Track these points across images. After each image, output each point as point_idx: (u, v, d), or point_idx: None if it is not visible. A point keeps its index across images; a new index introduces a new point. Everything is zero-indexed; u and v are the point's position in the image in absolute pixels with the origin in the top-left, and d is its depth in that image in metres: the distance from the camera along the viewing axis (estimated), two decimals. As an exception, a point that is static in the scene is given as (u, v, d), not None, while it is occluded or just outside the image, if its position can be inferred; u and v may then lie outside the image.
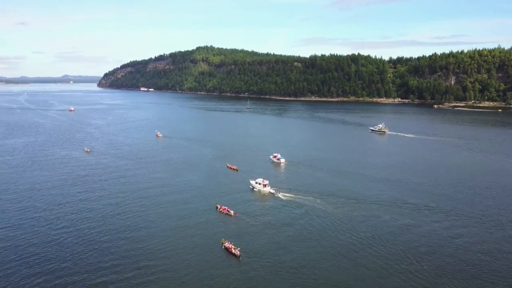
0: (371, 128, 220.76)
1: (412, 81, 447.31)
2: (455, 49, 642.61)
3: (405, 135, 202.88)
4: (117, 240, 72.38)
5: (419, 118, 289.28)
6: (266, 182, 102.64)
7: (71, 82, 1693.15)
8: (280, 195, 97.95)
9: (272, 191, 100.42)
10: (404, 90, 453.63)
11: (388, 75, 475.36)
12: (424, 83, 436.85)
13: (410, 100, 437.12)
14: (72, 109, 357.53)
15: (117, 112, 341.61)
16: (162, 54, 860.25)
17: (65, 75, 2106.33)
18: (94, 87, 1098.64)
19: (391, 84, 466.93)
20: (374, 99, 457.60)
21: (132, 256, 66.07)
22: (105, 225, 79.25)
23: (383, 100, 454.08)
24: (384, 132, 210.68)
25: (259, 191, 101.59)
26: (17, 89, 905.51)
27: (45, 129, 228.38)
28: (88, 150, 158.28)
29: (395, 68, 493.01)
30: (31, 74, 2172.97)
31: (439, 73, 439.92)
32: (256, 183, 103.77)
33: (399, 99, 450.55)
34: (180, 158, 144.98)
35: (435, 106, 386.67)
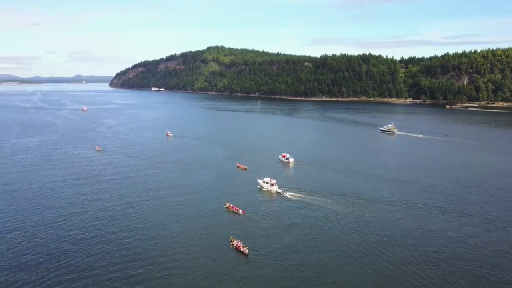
0: (380, 128, 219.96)
1: (424, 81, 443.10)
2: (468, 48, 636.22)
3: (415, 135, 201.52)
4: (127, 238, 73.23)
5: (431, 119, 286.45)
6: (274, 181, 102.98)
7: (84, 82, 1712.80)
8: (287, 194, 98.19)
9: (279, 190, 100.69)
10: (415, 90, 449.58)
11: (400, 75, 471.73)
12: (436, 83, 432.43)
13: (421, 101, 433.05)
14: (85, 108, 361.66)
15: (129, 112, 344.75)
16: (173, 54, 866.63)
17: (78, 75, 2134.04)
18: (106, 87, 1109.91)
19: (402, 84, 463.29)
20: (385, 99, 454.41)
21: (142, 254, 66.88)
22: (116, 223, 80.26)
23: (394, 100, 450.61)
24: (394, 132, 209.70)
25: (267, 190, 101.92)
26: (31, 89, 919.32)
27: (58, 128, 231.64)
28: (100, 149, 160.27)
29: (406, 68, 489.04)
30: (44, 74, 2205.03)
31: (452, 73, 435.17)
32: (264, 182, 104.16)
33: (411, 99, 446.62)
34: (190, 157, 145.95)
35: (447, 106, 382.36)
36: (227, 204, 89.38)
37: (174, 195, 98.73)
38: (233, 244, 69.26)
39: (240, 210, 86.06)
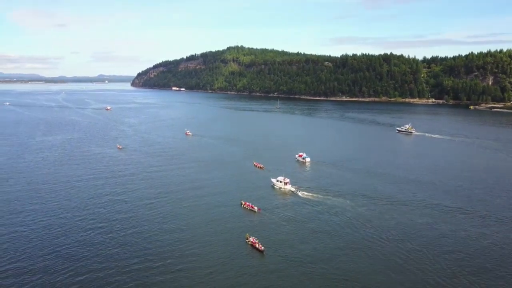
0: (398, 128, 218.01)
1: (447, 81, 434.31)
2: (493, 48, 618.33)
3: (432, 135, 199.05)
4: (146, 234, 75.15)
5: (453, 119, 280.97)
6: (287, 180, 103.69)
7: (106, 81, 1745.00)
8: (300, 193, 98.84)
9: (292, 189, 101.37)
10: (438, 91, 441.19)
11: (422, 75, 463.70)
12: (459, 83, 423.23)
13: (444, 101, 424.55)
14: (109, 107, 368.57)
15: (149, 111, 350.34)
16: (194, 54, 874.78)
17: (101, 75, 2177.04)
18: (127, 86, 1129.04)
19: (424, 84, 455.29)
20: (407, 100, 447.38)
21: (161, 248, 68.63)
22: (135, 220, 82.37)
23: (416, 100, 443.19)
24: (411, 132, 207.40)
25: (280, 189, 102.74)
26: (56, 88, 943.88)
27: (82, 126, 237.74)
28: (121, 147, 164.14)
29: (429, 67, 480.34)
30: (69, 74, 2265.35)
31: (476, 73, 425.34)
32: (277, 181, 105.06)
33: (433, 100, 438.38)
34: (208, 155, 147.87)
35: (471, 107, 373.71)
36: (243, 202, 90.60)
37: (192, 193, 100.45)
38: (248, 241, 70.39)
39: (256, 208, 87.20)
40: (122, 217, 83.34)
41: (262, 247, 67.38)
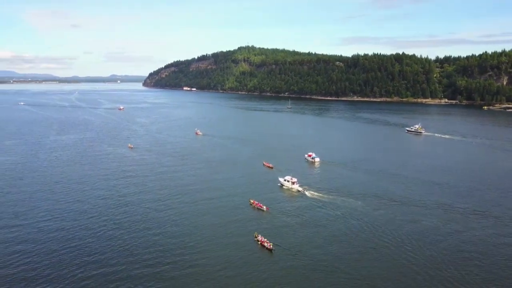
0: (407, 128, 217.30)
1: (460, 81, 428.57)
2: (507, 47, 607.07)
3: (442, 136, 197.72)
4: (157, 232, 76.14)
5: (465, 120, 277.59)
6: (295, 180, 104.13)
7: (118, 81, 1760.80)
8: (307, 193, 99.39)
9: (300, 188, 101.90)
10: (451, 91, 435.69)
11: (435, 75, 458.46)
12: (473, 83, 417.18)
13: (457, 101, 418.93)
14: (122, 107, 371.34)
15: (161, 111, 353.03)
16: (205, 54, 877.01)
17: (113, 75, 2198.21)
18: (139, 86, 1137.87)
19: (437, 84, 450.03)
20: (419, 100, 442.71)
21: (170, 247, 69.53)
22: (146, 218, 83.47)
23: (428, 100, 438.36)
24: (421, 132, 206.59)
25: (288, 188, 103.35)
26: (69, 88, 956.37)
27: (94, 126, 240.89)
28: (132, 146, 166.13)
29: (442, 67, 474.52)
30: (82, 74, 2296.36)
31: (490, 73, 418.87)
32: (285, 180, 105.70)
33: (446, 100, 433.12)
34: (218, 155, 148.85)
35: (485, 107, 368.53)
36: (252, 201, 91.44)
37: (202, 192, 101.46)
38: (257, 239, 71.05)
39: (264, 207, 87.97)
40: (133, 216, 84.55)
41: (271, 246, 68.00)
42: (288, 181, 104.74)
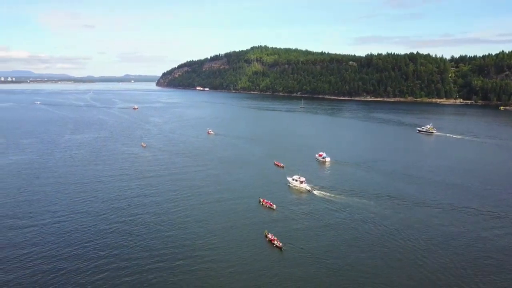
0: (418, 128, 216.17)
1: (476, 81, 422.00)
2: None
3: (454, 136, 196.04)
4: (168, 230, 77.19)
5: (480, 120, 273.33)
6: (303, 179, 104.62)
7: (132, 81, 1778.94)
8: (315, 192, 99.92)
9: (308, 188, 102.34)
10: (466, 91, 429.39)
11: (450, 75, 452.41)
12: (489, 83, 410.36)
13: (473, 101, 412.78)
14: (136, 107, 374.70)
15: (174, 111, 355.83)
16: (218, 54, 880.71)
17: (127, 75, 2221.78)
18: (153, 86, 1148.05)
19: (452, 84, 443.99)
20: (433, 100, 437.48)
21: (182, 245, 70.56)
22: (158, 217, 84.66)
23: (443, 101, 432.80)
24: (432, 132, 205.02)
25: (296, 187, 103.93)
26: (84, 88, 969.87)
27: (108, 125, 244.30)
28: (145, 145, 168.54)
29: (457, 67, 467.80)
30: (96, 74, 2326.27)
31: (507, 73, 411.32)
32: (293, 179, 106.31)
33: (461, 100, 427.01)
34: (230, 154, 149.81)
35: (502, 107, 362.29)
36: (261, 199, 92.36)
37: (213, 190, 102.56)
38: (267, 237, 71.83)
39: (274, 205, 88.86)
40: (145, 213, 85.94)
41: (281, 244, 68.74)
42: (296, 180, 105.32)
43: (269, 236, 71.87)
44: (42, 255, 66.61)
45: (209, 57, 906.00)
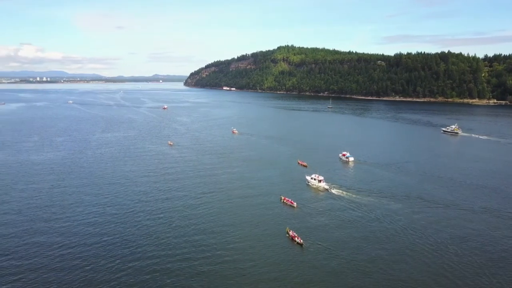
0: (443, 129, 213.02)
1: (511, 81, 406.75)
2: None
3: (479, 136, 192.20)
4: (194, 226, 79.22)
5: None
6: (321, 178, 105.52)
7: (161, 81, 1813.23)
8: (334, 190, 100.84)
9: (326, 186, 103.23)
10: (501, 91, 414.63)
11: (483, 74, 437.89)
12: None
13: (507, 102, 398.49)
14: (165, 107, 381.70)
15: (201, 110, 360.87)
16: (244, 54, 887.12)
17: (155, 74, 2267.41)
18: (181, 85, 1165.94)
19: (485, 84, 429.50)
20: (465, 100, 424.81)
21: (207, 241, 72.47)
22: (184, 213, 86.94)
23: (475, 101, 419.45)
24: (457, 133, 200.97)
25: (314, 186, 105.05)
26: (114, 88, 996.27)
27: (138, 124, 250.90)
28: (172, 143, 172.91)
29: (491, 66, 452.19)
30: (126, 74, 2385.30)
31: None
32: (312, 178, 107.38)
33: (495, 101, 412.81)
34: (255, 154, 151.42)
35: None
36: (283, 197, 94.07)
37: (237, 188, 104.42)
38: (289, 234, 73.31)
39: (295, 203, 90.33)
40: (170, 211, 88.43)
41: (302, 240, 70.16)
42: (314, 179, 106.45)
43: (291, 233, 73.38)
44: (72, 245, 69.98)
45: (236, 57, 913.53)
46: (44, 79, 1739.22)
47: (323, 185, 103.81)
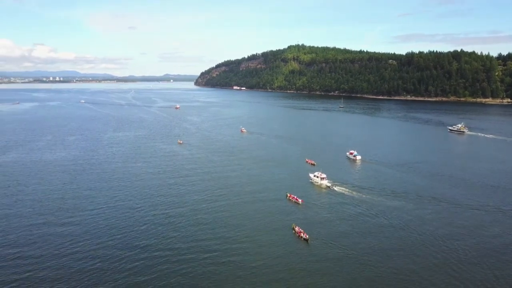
0: (450, 127, 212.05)
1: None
2: None
3: (486, 135, 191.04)
4: (202, 224, 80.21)
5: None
6: (324, 175, 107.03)
7: (171, 80, 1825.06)
8: (336, 188, 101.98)
9: (328, 184, 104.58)
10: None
11: (496, 73, 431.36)
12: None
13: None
14: (178, 106, 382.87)
15: (212, 110, 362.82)
16: (255, 53, 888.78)
17: (166, 74, 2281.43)
18: (191, 85, 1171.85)
19: (499, 83, 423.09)
20: (478, 99, 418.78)
21: (215, 238, 73.42)
22: (192, 211, 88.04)
23: (488, 100, 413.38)
24: (463, 132, 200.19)
25: (317, 183, 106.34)
26: (126, 87, 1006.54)
27: (149, 123, 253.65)
28: (181, 142, 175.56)
29: (505, 65, 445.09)
30: (137, 73, 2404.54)
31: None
32: (314, 176, 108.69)
33: (509, 100, 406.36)
34: (264, 152, 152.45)
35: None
36: (288, 194, 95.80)
37: (245, 186, 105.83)
38: (294, 230, 74.69)
39: (300, 200, 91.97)
40: (179, 207, 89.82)
41: (307, 236, 71.34)
42: (317, 176, 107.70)
43: (296, 229, 74.77)
44: (81, 241, 71.67)
45: (246, 57, 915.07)
46: (57, 79, 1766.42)
47: (325, 182, 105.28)
